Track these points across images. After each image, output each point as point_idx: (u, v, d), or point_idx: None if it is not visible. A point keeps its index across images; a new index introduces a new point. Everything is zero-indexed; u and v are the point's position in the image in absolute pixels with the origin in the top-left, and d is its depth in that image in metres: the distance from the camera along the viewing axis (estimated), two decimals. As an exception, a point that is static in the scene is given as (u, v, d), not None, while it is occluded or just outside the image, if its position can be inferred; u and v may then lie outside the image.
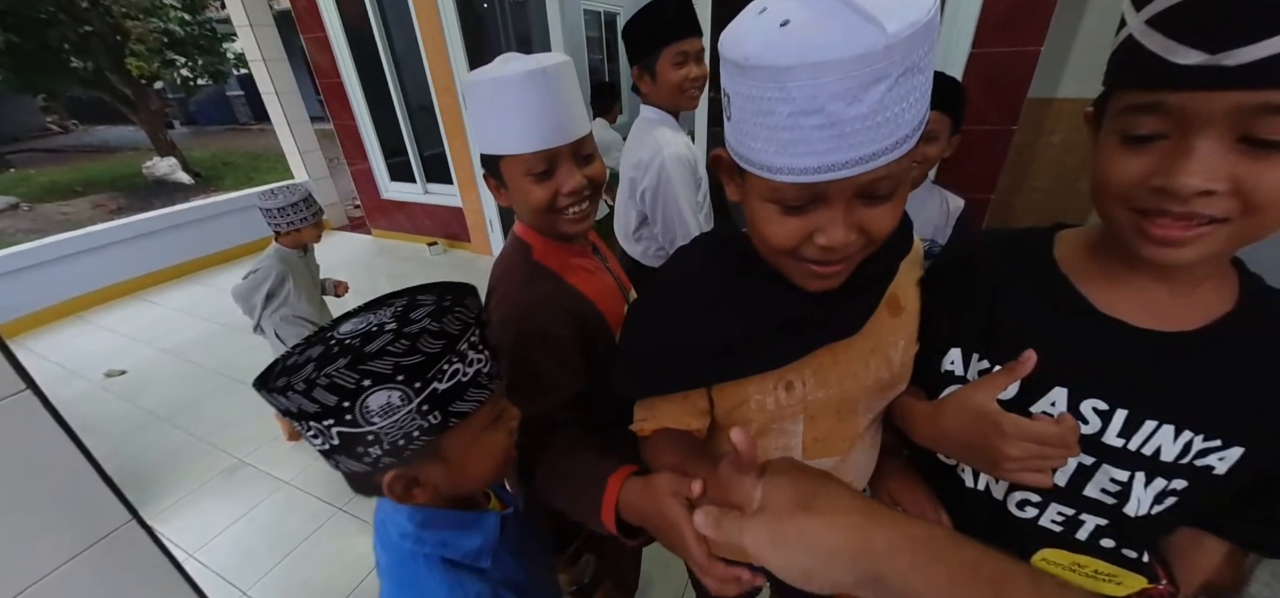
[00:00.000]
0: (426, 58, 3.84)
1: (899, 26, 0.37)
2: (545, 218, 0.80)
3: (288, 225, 2.02)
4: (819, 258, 0.51)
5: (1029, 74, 2.14)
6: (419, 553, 0.60)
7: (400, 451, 0.53)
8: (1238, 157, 0.39)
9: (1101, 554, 0.58)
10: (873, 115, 0.40)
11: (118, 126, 13.13)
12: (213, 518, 2.08)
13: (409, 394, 0.50)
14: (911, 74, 0.40)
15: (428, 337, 0.51)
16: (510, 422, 0.65)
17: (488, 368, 0.58)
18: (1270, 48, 0.35)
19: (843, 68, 0.39)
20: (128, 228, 4.26)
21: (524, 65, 0.71)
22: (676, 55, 1.36)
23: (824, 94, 0.40)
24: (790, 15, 0.41)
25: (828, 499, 0.39)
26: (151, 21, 8.73)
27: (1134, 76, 0.43)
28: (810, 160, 0.43)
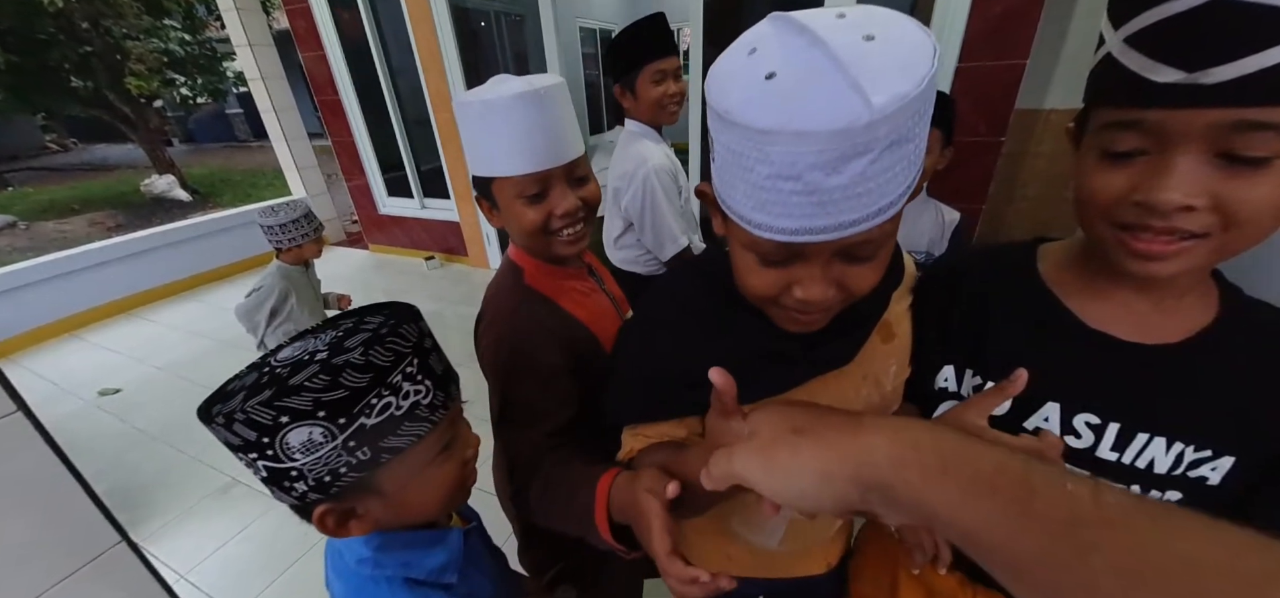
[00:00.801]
0: (423, 74, 3.88)
1: (885, 100, 0.35)
2: (539, 241, 0.78)
3: (289, 242, 2.02)
4: (798, 307, 0.50)
5: (1015, 87, 2.17)
6: (380, 577, 0.57)
7: (326, 487, 0.50)
8: (1216, 173, 0.40)
9: None
10: (854, 186, 0.38)
11: (117, 145, 13.19)
12: (205, 538, 2.06)
13: (333, 431, 0.47)
14: (898, 145, 0.37)
15: (351, 370, 0.47)
16: (464, 450, 0.61)
17: (429, 399, 0.54)
18: (1246, 67, 0.36)
19: (822, 139, 0.36)
20: (124, 245, 4.26)
21: (515, 87, 0.70)
22: (655, 73, 1.48)
23: (802, 163, 0.38)
24: (777, 67, 0.38)
25: (819, 420, 0.38)
26: (152, 41, 8.79)
27: (1114, 94, 0.44)
28: (787, 222, 0.41)
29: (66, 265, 3.95)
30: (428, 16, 3.61)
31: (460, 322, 3.66)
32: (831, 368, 0.59)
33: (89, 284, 4.08)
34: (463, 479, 0.62)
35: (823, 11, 0.40)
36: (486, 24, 5.19)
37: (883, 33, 0.37)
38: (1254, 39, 0.36)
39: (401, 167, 4.70)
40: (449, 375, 0.59)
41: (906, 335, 0.67)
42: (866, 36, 0.37)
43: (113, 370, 3.37)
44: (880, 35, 0.37)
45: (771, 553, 0.79)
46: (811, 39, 0.37)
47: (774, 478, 0.37)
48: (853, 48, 0.36)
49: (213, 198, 8.99)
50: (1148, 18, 0.40)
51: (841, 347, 0.58)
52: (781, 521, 0.74)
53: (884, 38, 0.37)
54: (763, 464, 0.38)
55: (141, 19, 8.64)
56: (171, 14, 9.04)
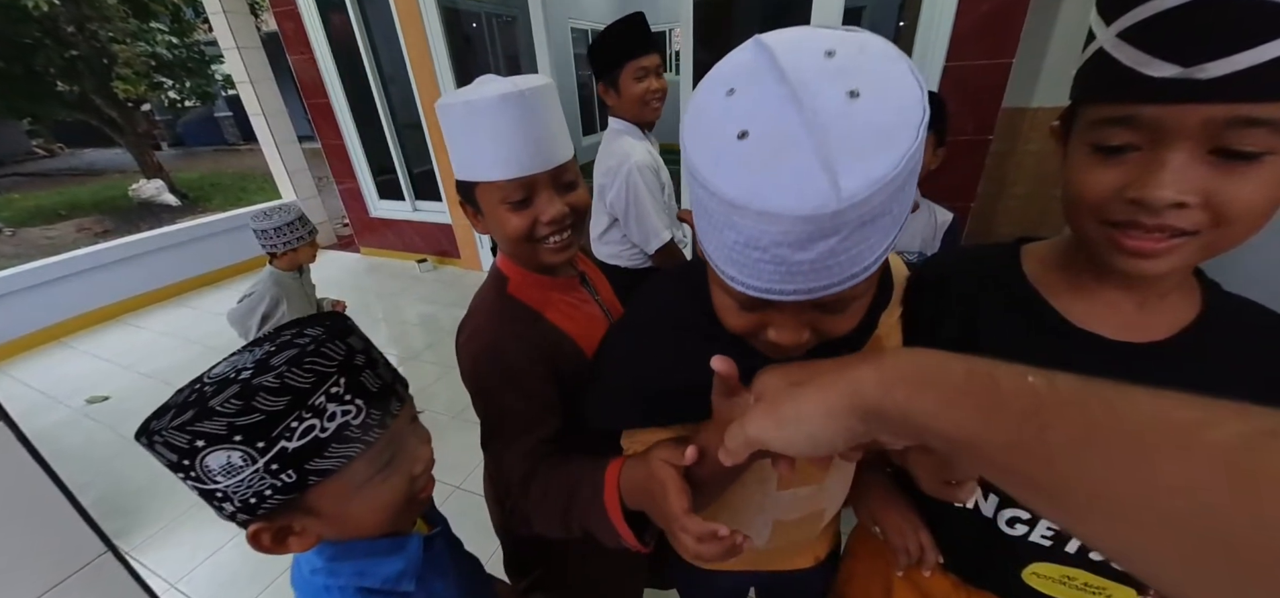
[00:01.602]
0: (414, 76, 3.87)
1: (857, 186, 0.33)
2: (524, 248, 0.76)
3: (284, 246, 2.00)
4: (772, 350, 0.50)
5: (1002, 85, 2.19)
6: (333, 586, 0.56)
7: (253, 509, 0.48)
8: (1208, 169, 0.40)
9: (1091, 567, 0.58)
10: (823, 260, 0.37)
11: (104, 149, 13.05)
12: (195, 547, 2.04)
13: (252, 455, 0.45)
14: (872, 222, 0.36)
15: (265, 394, 0.45)
16: (412, 466, 0.59)
17: (360, 419, 0.51)
18: (1243, 61, 0.36)
19: (787, 222, 0.35)
20: (112, 251, 4.22)
21: (498, 88, 0.67)
22: (637, 71, 1.52)
23: (767, 239, 0.36)
24: (750, 125, 0.36)
25: (814, 369, 0.39)
26: (139, 45, 8.71)
27: (1106, 90, 0.43)
28: (757, 282, 0.40)
29: (54, 272, 3.90)
30: (417, 19, 3.59)
31: (454, 325, 3.63)
32: None
33: (77, 291, 4.03)
34: (410, 496, 0.59)
35: (811, 43, 0.37)
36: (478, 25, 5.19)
37: (870, 85, 0.35)
38: (1250, 33, 0.35)
39: (393, 169, 4.68)
40: (388, 391, 0.56)
41: (897, 344, 0.67)
42: (851, 93, 0.34)
43: (101, 378, 3.34)
44: (866, 91, 0.34)
45: (765, 549, 0.80)
46: (789, 93, 0.35)
47: (785, 429, 0.38)
48: (832, 110, 0.34)
49: (202, 202, 8.92)
50: (1142, 12, 0.40)
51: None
52: (768, 518, 0.75)
53: (871, 93, 0.34)
54: (773, 421, 0.39)
55: (128, 22, 8.56)
56: (158, 17, 8.96)
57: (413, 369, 3.15)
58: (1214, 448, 0.21)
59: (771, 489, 0.71)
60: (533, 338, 0.75)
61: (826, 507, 0.77)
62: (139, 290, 4.38)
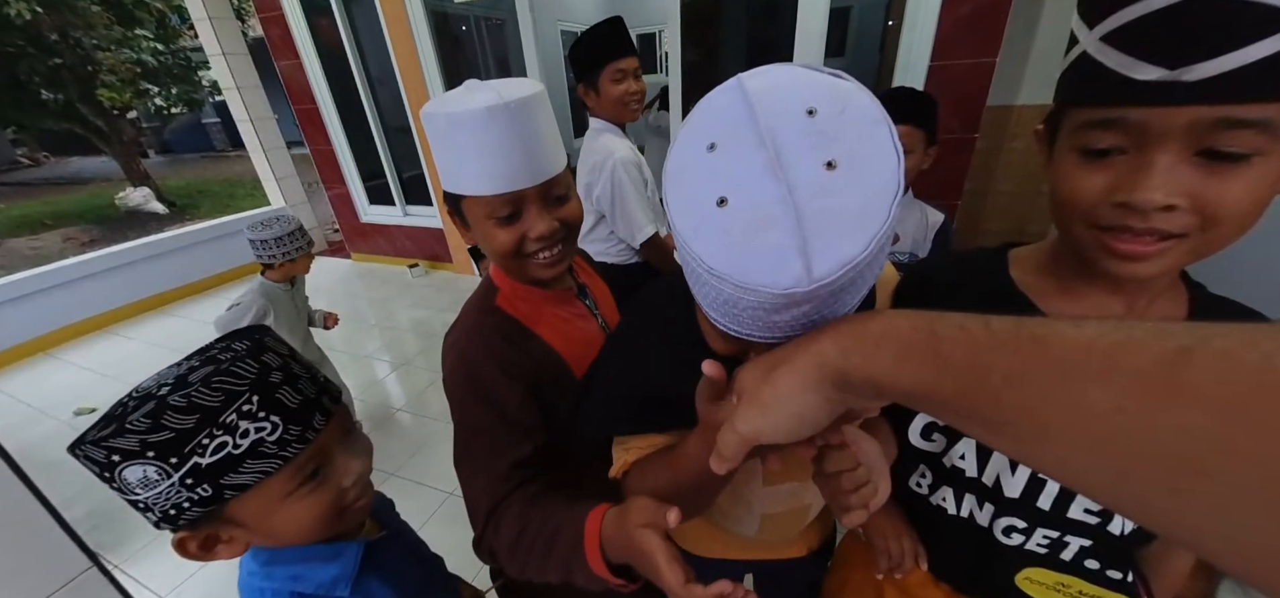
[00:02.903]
0: (402, 80, 3.85)
1: (827, 269, 0.34)
2: (513, 263, 0.73)
3: (283, 256, 1.97)
4: None
5: (986, 84, 2.21)
6: (268, 590, 0.57)
7: (174, 519, 0.49)
8: (1196, 171, 0.40)
9: (1086, 575, 0.58)
10: (799, 321, 0.38)
11: (90, 157, 12.90)
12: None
13: (166, 470, 0.46)
14: (841, 294, 0.37)
15: (174, 412, 0.46)
16: (341, 479, 0.59)
17: (277, 435, 0.51)
18: (1229, 63, 0.36)
19: (763, 296, 0.36)
20: (99, 261, 4.17)
21: (482, 99, 0.62)
22: (615, 73, 1.55)
23: (746, 302, 0.38)
24: (730, 193, 0.36)
25: (782, 354, 0.40)
26: (124, 52, 8.62)
27: (1092, 93, 0.43)
28: (739, 328, 0.42)
29: (40, 283, 3.85)
30: (404, 23, 3.58)
31: (446, 330, 3.63)
32: None
33: (63, 302, 3.98)
34: (339, 509, 0.59)
35: (792, 99, 0.37)
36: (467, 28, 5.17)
37: (848, 157, 0.35)
38: (1235, 35, 0.35)
39: (382, 174, 4.66)
40: (310, 407, 0.56)
41: None
42: (828, 163, 0.34)
43: (89, 390, 3.30)
44: (844, 161, 0.34)
45: (758, 539, 0.81)
46: (767, 162, 0.35)
47: (770, 416, 0.38)
48: (809, 186, 0.34)
49: (190, 209, 8.83)
50: (1126, 15, 0.39)
51: None
52: (755, 514, 0.76)
53: (847, 165, 0.34)
54: (758, 411, 0.39)
55: (112, 29, 8.46)
56: (143, 23, 8.86)
57: (405, 375, 3.14)
58: (1134, 371, 0.22)
59: (758, 485, 0.72)
60: (514, 355, 0.72)
61: (811, 502, 0.78)
62: (127, 300, 4.34)
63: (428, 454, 2.41)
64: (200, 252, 4.79)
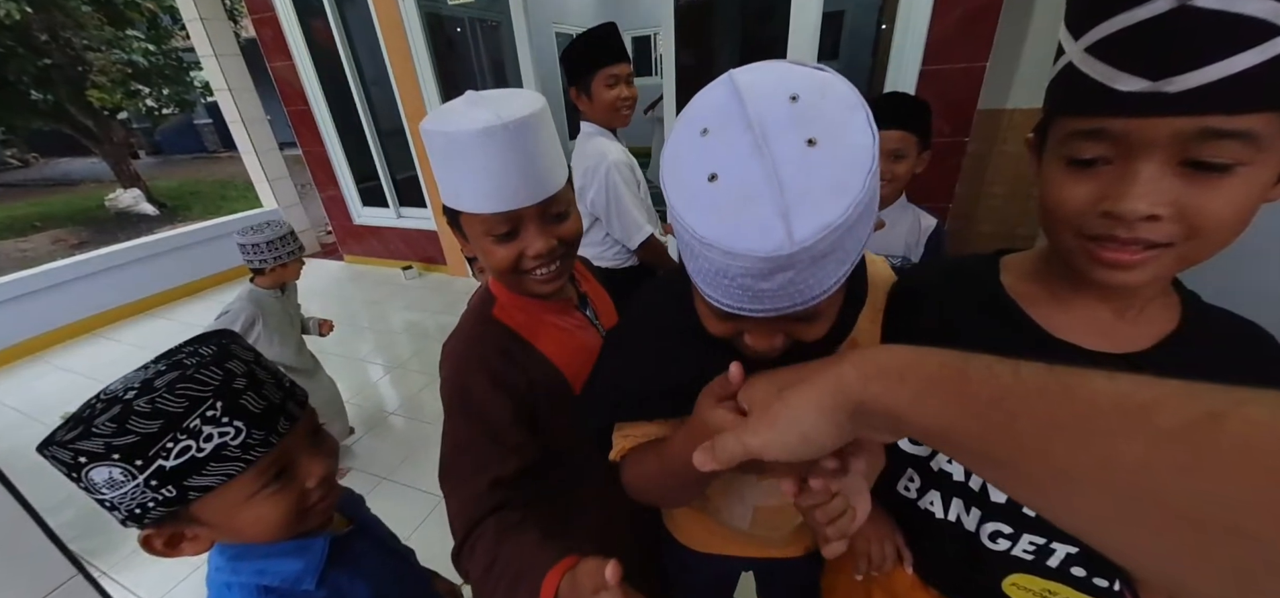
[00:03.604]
0: (396, 83, 3.84)
1: (807, 233, 0.37)
2: (510, 278, 0.73)
3: (274, 260, 1.94)
4: (748, 350, 0.52)
5: (977, 88, 2.23)
6: (234, 584, 0.59)
7: (139, 518, 0.51)
8: (1180, 181, 0.40)
9: (1073, 583, 0.58)
10: (783, 288, 0.40)
11: (80, 158, 12.79)
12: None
13: (131, 471, 0.48)
14: (822, 260, 0.39)
15: (138, 417, 0.48)
16: (305, 481, 0.61)
17: (240, 439, 0.53)
18: (1209, 75, 0.36)
19: (749, 260, 0.39)
20: (88, 263, 4.13)
21: (481, 120, 0.61)
22: (608, 78, 1.56)
23: (734, 270, 0.40)
24: (720, 169, 0.40)
25: (798, 373, 0.41)
26: (114, 52, 8.55)
27: (1077, 103, 0.43)
28: (730, 302, 0.44)
29: (28, 286, 3.81)
30: (398, 25, 3.57)
31: (441, 332, 3.62)
32: None
33: (52, 304, 3.94)
34: (303, 509, 0.61)
35: (778, 87, 0.40)
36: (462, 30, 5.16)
37: (827, 134, 0.38)
38: (1217, 47, 0.35)
39: (376, 176, 4.64)
40: (275, 412, 0.57)
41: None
42: (809, 141, 0.38)
43: (77, 394, 3.26)
44: (824, 139, 0.38)
45: (753, 535, 0.82)
46: (754, 142, 0.38)
47: (778, 433, 0.39)
48: (791, 161, 0.37)
49: (181, 211, 8.77)
50: (1109, 27, 0.40)
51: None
52: (748, 506, 0.77)
53: (827, 142, 0.38)
54: (767, 425, 0.40)
55: (103, 30, 8.40)
56: (134, 24, 8.80)
57: (399, 378, 3.12)
58: (1165, 430, 0.22)
59: (751, 478, 0.73)
60: (507, 368, 0.72)
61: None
62: (116, 303, 4.30)
63: (421, 458, 2.40)
64: (191, 254, 4.76)
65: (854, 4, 4.03)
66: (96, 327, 4.19)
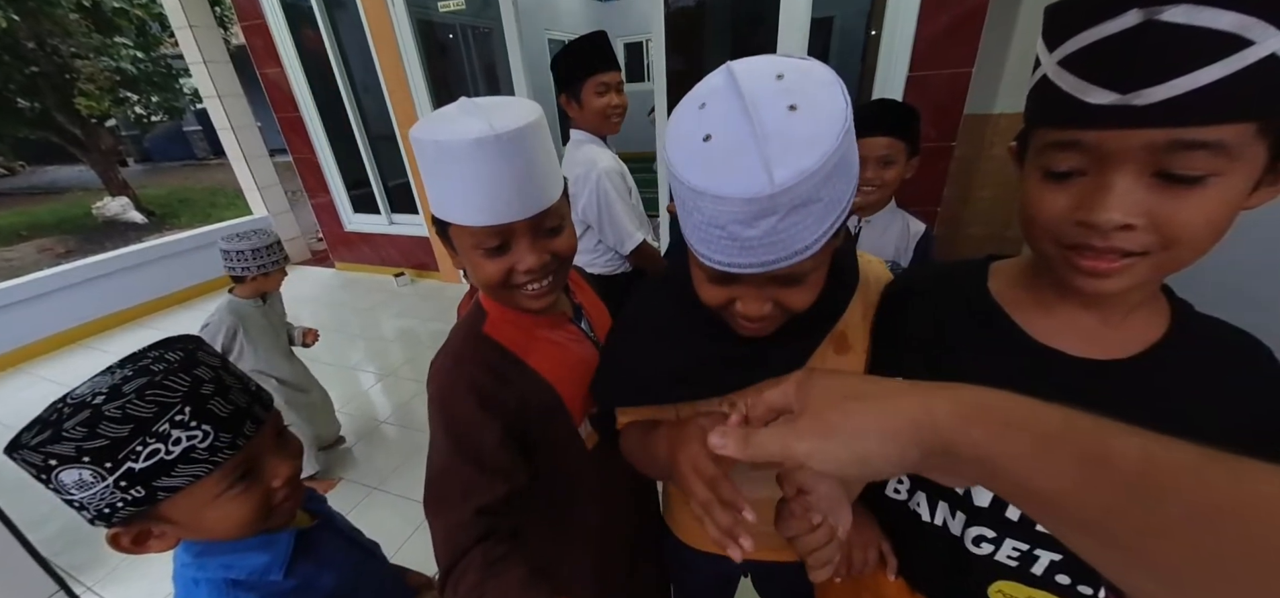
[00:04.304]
0: (387, 89, 3.83)
1: (786, 175, 0.42)
2: (500, 293, 0.70)
3: (258, 269, 1.91)
4: (740, 320, 0.57)
5: (963, 93, 2.26)
6: (201, 579, 0.60)
7: (108, 517, 0.53)
8: (1154, 192, 0.40)
9: (1057, 590, 0.57)
10: (766, 236, 0.45)
11: (67, 166, 12.65)
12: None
13: (101, 473, 0.50)
14: (802, 208, 0.44)
15: (109, 422, 0.49)
16: (271, 480, 0.63)
17: (208, 442, 0.55)
18: (1178, 87, 0.36)
19: (736, 204, 0.44)
20: (75, 272, 4.07)
21: (474, 129, 0.59)
22: (598, 85, 1.57)
23: (723, 217, 0.45)
24: (713, 131, 0.46)
25: (872, 385, 0.37)
26: (102, 60, 8.48)
27: (1051, 115, 0.44)
28: (720, 258, 0.49)
29: (13, 295, 3.76)
30: (389, 31, 3.57)
31: (433, 339, 3.60)
32: (779, 373, 0.61)
33: (38, 314, 3.89)
34: (268, 508, 0.63)
35: (768, 69, 0.46)
36: (454, 36, 5.15)
37: (806, 102, 0.44)
38: (1184, 60, 0.36)
39: (367, 183, 4.62)
40: (241, 415, 0.59)
41: (863, 350, 0.69)
42: (790, 106, 0.43)
43: (62, 405, 3.22)
44: (803, 105, 0.43)
45: (756, 535, 0.82)
46: (743, 107, 0.44)
47: (831, 445, 0.36)
48: (774, 120, 0.43)
49: (170, 219, 8.70)
50: (1080, 40, 0.40)
51: (791, 353, 0.63)
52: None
53: (805, 107, 0.43)
54: (820, 434, 0.37)
55: (91, 37, 8.34)
56: (123, 31, 8.73)
57: (391, 385, 3.10)
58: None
59: (743, 466, 0.73)
60: (497, 389, 0.70)
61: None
62: (103, 312, 4.24)
63: (414, 467, 2.38)
64: (179, 262, 4.71)
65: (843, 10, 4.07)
66: (83, 337, 4.13)
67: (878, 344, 0.68)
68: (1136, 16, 0.37)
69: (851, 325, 0.68)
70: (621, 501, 0.87)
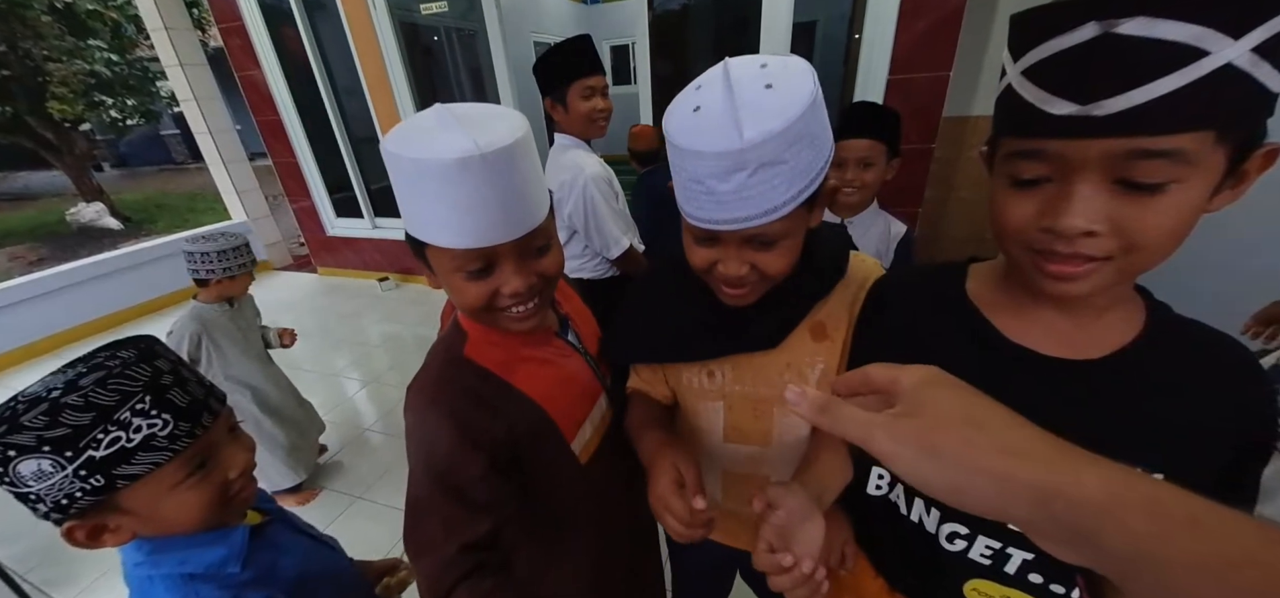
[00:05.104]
0: (369, 92, 3.80)
1: (753, 134, 0.50)
2: (483, 316, 0.66)
3: (223, 272, 1.84)
4: (723, 281, 0.64)
5: (942, 96, 2.30)
6: (156, 576, 0.61)
7: (65, 509, 0.54)
8: (1116, 199, 0.41)
9: (1030, 589, 0.58)
10: (738, 192, 0.53)
11: (40, 172, 12.31)
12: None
13: (61, 462, 0.51)
14: (769, 167, 0.52)
15: (71, 410, 0.51)
16: (227, 471, 0.65)
17: (168, 431, 0.57)
18: (1136, 98, 0.37)
19: (711, 159, 0.52)
20: (47, 280, 3.98)
21: (457, 147, 0.53)
22: (584, 89, 1.56)
23: (702, 172, 0.54)
24: (702, 104, 0.54)
25: (1002, 420, 0.33)
26: (76, 63, 8.27)
27: (1015, 125, 0.45)
28: (701, 214, 0.58)
29: (-19, 305, 3.65)
30: (370, 33, 3.54)
31: (419, 344, 3.57)
32: (756, 348, 0.71)
33: (8, 324, 3.79)
34: (226, 498, 0.65)
35: (756, 62, 0.55)
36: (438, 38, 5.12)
37: (781, 83, 0.52)
38: (1142, 71, 0.37)
39: (350, 186, 4.57)
40: (199, 406, 0.62)
41: (840, 341, 0.70)
42: (767, 86, 0.52)
43: (34, 416, 3.13)
44: (778, 86, 0.52)
45: (732, 512, 0.87)
46: (728, 87, 0.53)
47: (931, 462, 0.32)
48: (751, 95, 0.51)
49: (147, 225, 8.51)
50: (1041, 52, 0.41)
51: (767, 328, 0.69)
52: (717, 470, 0.86)
53: (779, 88, 0.52)
54: (922, 447, 0.33)
55: (64, 40, 8.12)
56: (96, 34, 8.53)
57: (376, 392, 3.07)
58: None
59: (718, 439, 0.80)
60: (480, 418, 0.66)
61: (769, 474, 0.82)
62: (77, 321, 4.14)
63: (400, 475, 2.35)
64: (156, 269, 4.60)
65: (826, 14, 4.12)
66: (55, 347, 4.03)
67: (858, 339, 0.69)
68: (1094, 29, 0.38)
69: (832, 316, 0.71)
70: (618, 510, 0.85)
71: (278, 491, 2.15)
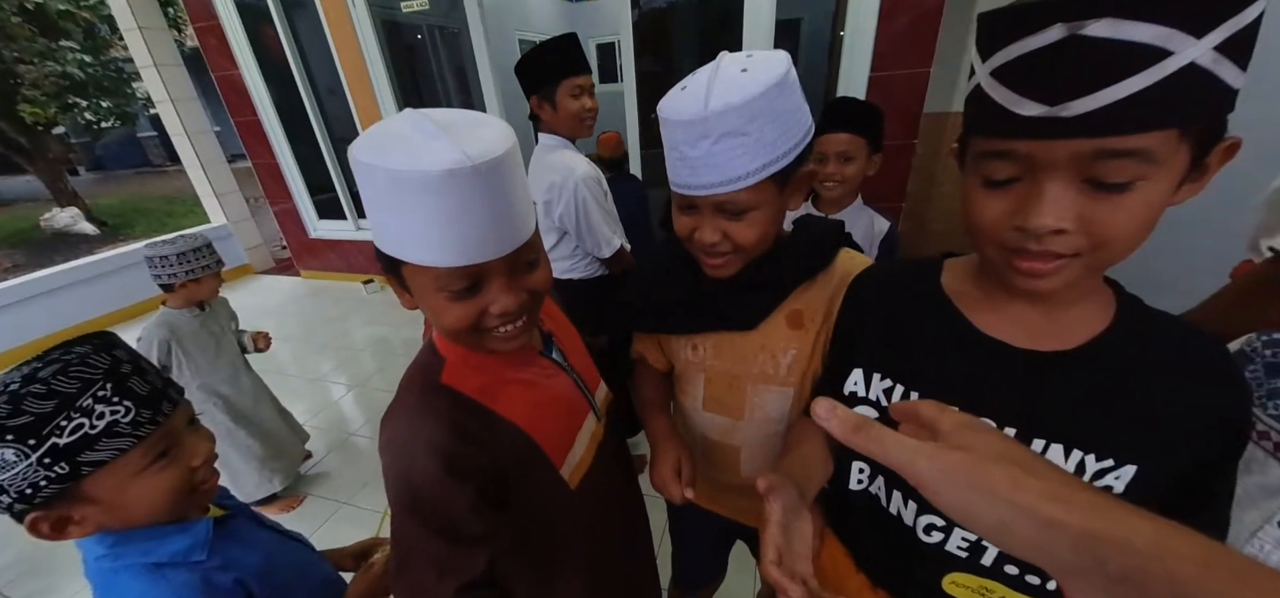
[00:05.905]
0: (350, 91, 3.75)
1: (716, 105, 0.58)
2: (467, 337, 0.61)
3: (186, 275, 1.76)
4: (701, 251, 0.71)
5: (922, 93, 2.33)
6: (120, 567, 0.62)
7: (29, 499, 0.54)
8: (1084, 197, 0.42)
9: (1008, 581, 0.59)
10: (704, 159, 0.62)
11: (12, 177, 12.00)
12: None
13: (24, 450, 0.52)
14: (730, 137, 0.60)
15: (34, 399, 0.53)
16: (191, 459, 0.66)
17: (130, 417, 0.59)
18: (1104, 98, 0.38)
19: (681, 126, 0.62)
20: (20, 288, 3.89)
21: (443, 158, 0.48)
22: (573, 88, 1.55)
23: (675, 137, 0.63)
24: (690, 84, 0.63)
25: (1048, 468, 0.33)
26: (48, 65, 8.07)
27: (985, 125, 0.46)
28: (678, 179, 0.67)
29: (-51, 315, 3.56)
30: (350, 32, 3.49)
31: (407, 347, 3.54)
32: (733, 328, 0.79)
33: (-22, 333, 3.68)
34: (190, 485, 0.66)
35: (743, 54, 0.63)
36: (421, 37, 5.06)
37: (756, 69, 0.60)
38: (1108, 72, 0.37)
39: (332, 187, 4.51)
40: (159, 395, 0.63)
41: (815, 332, 0.73)
42: (743, 69, 0.60)
43: (8, 428, 3.05)
44: (752, 70, 0.60)
45: (717, 481, 0.93)
46: (714, 69, 0.62)
47: (977, 497, 0.32)
48: (728, 76, 0.60)
49: (124, 229, 8.32)
50: (1009, 53, 0.42)
51: (744, 309, 0.77)
52: (697, 434, 0.93)
53: (754, 72, 0.59)
54: (968, 482, 0.33)
55: (35, 41, 7.91)
56: (69, 35, 8.32)
57: (361, 396, 3.03)
58: None
59: (699, 406, 0.88)
60: (464, 449, 0.61)
61: (740, 447, 0.88)
62: (51, 330, 4.03)
63: (383, 478, 2.33)
64: (133, 274, 4.49)
65: (810, 11, 4.14)
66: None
67: (837, 331, 0.71)
68: (1060, 31, 0.38)
69: (810, 307, 0.76)
70: (612, 528, 0.84)
71: (254, 502, 2.08)
